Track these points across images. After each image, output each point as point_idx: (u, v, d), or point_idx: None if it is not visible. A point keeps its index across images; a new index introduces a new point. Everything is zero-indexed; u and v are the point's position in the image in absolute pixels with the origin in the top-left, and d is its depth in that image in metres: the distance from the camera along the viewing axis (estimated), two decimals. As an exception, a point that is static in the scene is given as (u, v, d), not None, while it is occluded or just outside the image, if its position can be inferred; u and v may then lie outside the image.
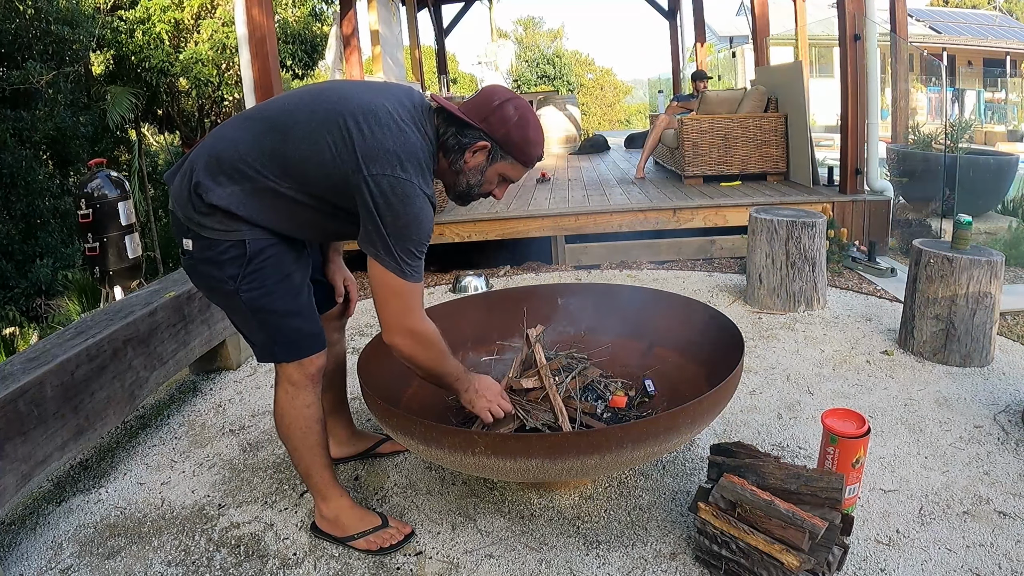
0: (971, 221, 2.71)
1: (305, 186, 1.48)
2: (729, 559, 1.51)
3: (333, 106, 1.46)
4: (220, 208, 1.47)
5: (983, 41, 19.88)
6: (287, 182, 1.48)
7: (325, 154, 1.43)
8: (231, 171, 1.47)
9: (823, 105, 12.57)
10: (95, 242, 4.11)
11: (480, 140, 1.50)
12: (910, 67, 7.10)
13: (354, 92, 1.51)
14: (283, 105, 1.53)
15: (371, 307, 3.92)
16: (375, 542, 1.72)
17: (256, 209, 1.49)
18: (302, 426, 1.67)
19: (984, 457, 2.02)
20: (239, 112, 1.90)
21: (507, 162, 1.54)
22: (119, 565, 1.76)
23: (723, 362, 1.89)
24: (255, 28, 4.13)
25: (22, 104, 7.80)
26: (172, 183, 1.55)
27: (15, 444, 1.69)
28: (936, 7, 25.20)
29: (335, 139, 1.42)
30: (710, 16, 11.37)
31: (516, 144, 1.51)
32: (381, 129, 1.42)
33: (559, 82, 26.27)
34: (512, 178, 1.59)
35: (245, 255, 1.50)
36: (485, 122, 1.49)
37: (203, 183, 1.47)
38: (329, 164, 1.43)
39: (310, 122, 1.45)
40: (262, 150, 1.47)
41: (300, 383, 1.64)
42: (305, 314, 1.62)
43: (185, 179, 1.51)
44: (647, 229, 4.60)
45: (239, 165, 1.47)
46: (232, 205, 1.47)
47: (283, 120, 1.48)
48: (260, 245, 1.51)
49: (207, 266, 1.53)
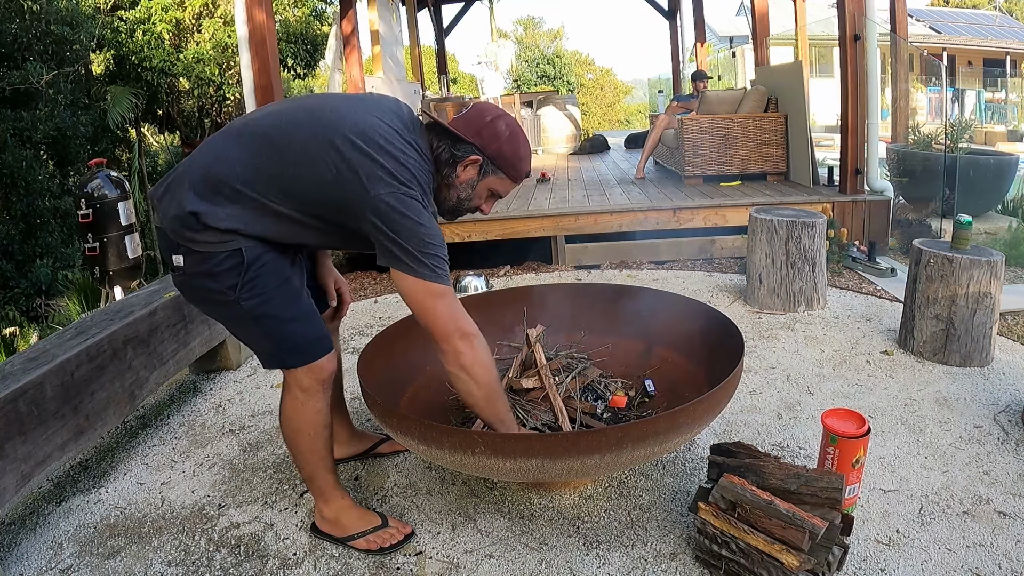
0: (971, 221, 2.71)
1: (308, 207, 1.47)
2: (729, 559, 1.51)
3: (329, 125, 1.45)
4: (221, 229, 1.45)
5: (983, 41, 19.88)
6: (290, 204, 1.47)
7: (326, 176, 1.42)
8: (229, 192, 1.46)
9: (823, 105, 12.56)
10: (95, 242, 4.10)
11: (473, 154, 1.53)
12: (910, 67, 7.10)
13: (348, 110, 1.49)
14: (275, 121, 1.50)
15: (370, 307, 3.94)
16: (375, 542, 1.72)
17: (259, 227, 1.48)
18: (310, 432, 1.65)
19: (984, 457, 2.02)
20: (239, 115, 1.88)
21: (497, 177, 1.57)
22: (119, 565, 1.76)
23: (723, 362, 1.89)
24: (256, 28, 4.13)
25: (22, 104, 7.81)
26: (160, 200, 1.51)
27: (15, 444, 1.69)
28: (936, 7, 25.20)
29: (334, 160, 1.42)
30: (710, 16, 11.36)
31: (507, 159, 1.55)
32: (381, 149, 1.43)
33: (559, 82, 26.27)
34: (500, 193, 1.62)
35: (243, 263, 1.48)
36: (478, 136, 1.52)
37: (200, 209, 1.44)
38: (331, 186, 1.43)
39: (307, 144, 1.44)
40: (259, 172, 1.45)
41: (311, 389, 1.62)
42: (309, 317, 1.61)
43: (175, 200, 1.47)
44: (647, 229, 4.60)
45: (237, 186, 1.45)
46: (235, 224, 1.46)
47: (278, 140, 1.46)
48: (256, 252, 1.50)
49: (202, 280, 1.51)
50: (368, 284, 4.46)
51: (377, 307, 3.87)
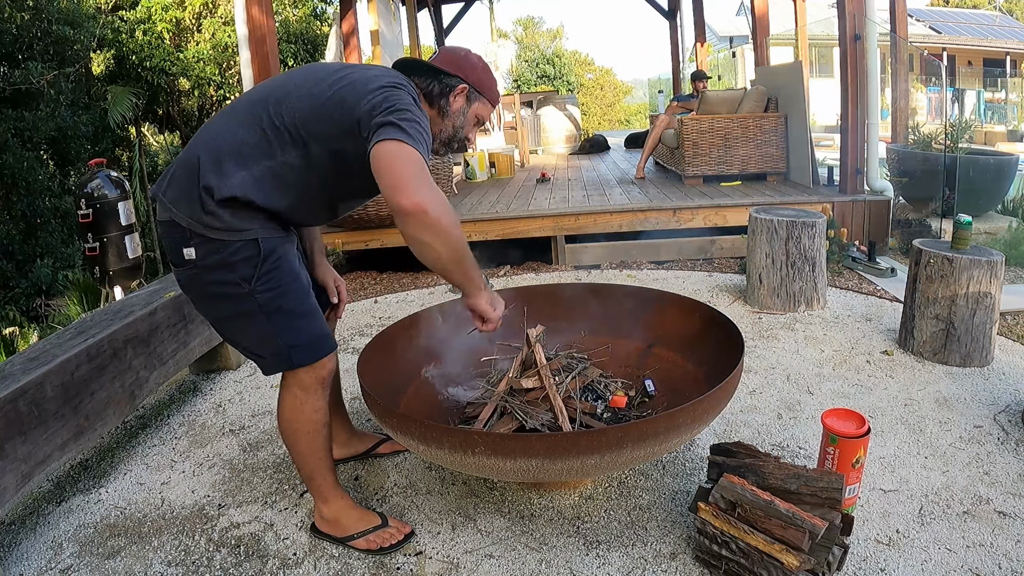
0: (971, 221, 2.71)
1: (312, 144, 1.49)
2: (729, 559, 1.51)
3: (324, 69, 1.57)
4: (235, 199, 1.45)
5: (983, 41, 19.88)
6: (294, 151, 1.49)
7: (323, 96, 1.48)
8: (236, 157, 1.47)
9: (823, 105, 12.57)
10: (95, 242, 4.10)
11: (460, 84, 1.65)
12: (910, 67, 7.09)
13: (340, 66, 1.61)
14: (271, 84, 1.58)
15: (370, 307, 3.94)
16: (375, 541, 1.72)
17: (269, 191, 1.49)
18: (309, 431, 1.66)
19: (984, 457, 2.02)
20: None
21: (481, 102, 1.71)
22: (119, 565, 1.76)
23: (723, 362, 1.89)
24: (255, 28, 4.14)
25: (23, 104, 7.81)
26: (166, 193, 1.50)
27: (15, 444, 1.69)
28: (936, 7, 25.20)
29: (332, 84, 1.50)
30: (710, 16, 11.36)
31: (487, 84, 1.70)
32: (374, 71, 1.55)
33: (559, 82, 26.25)
34: (483, 118, 1.74)
35: (259, 254, 1.49)
36: (460, 69, 1.66)
37: (212, 183, 1.45)
38: (329, 106, 1.47)
39: (303, 86, 1.52)
40: (262, 130, 1.48)
41: (311, 387, 1.63)
42: (316, 314, 1.63)
43: (183, 181, 1.48)
44: (647, 229, 4.60)
45: (242, 149, 1.47)
46: (247, 191, 1.46)
47: (276, 94, 1.52)
48: (272, 244, 1.52)
49: (215, 272, 1.49)
50: (368, 284, 4.46)
51: (377, 307, 3.87)
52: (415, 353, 2.14)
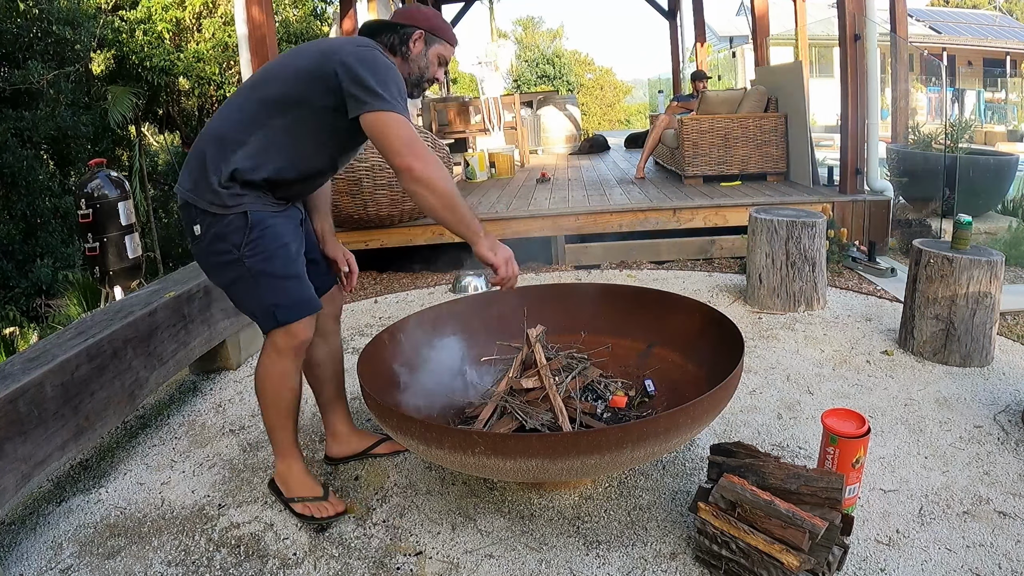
0: (971, 221, 2.71)
1: (298, 105, 1.67)
2: (729, 559, 1.51)
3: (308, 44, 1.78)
4: (236, 172, 1.65)
5: (983, 41, 19.89)
6: (287, 114, 1.68)
7: (301, 69, 1.68)
8: (237, 136, 1.68)
9: (823, 105, 12.57)
10: (95, 242, 4.10)
11: (415, 31, 1.81)
12: (910, 67, 7.10)
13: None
14: (262, 68, 1.81)
15: (370, 307, 3.94)
16: (310, 509, 1.84)
17: (272, 156, 1.68)
18: (274, 388, 1.82)
19: (984, 457, 2.02)
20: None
21: (440, 44, 1.86)
22: (119, 565, 1.76)
23: (723, 362, 1.89)
24: (255, 27, 4.14)
25: (23, 104, 7.81)
26: (183, 181, 1.74)
27: (15, 444, 1.69)
28: (936, 7, 25.20)
29: (307, 56, 1.71)
30: (710, 16, 11.37)
31: (440, 27, 1.85)
32: (345, 38, 1.79)
33: (559, 82, 26.26)
34: (446, 58, 1.88)
35: (247, 225, 1.69)
36: (412, 19, 1.83)
37: (217, 164, 1.66)
38: (305, 72, 1.67)
39: (287, 58, 1.75)
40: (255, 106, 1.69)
41: (284, 351, 1.77)
42: (301, 279, 1.78)
43: (196, 168, 1.70)
44: (647, 229, 4.59)
45: (239, 127, 1.68)
46: (244, 163, 1.66)
47: (265, 76, 1.75)
48: (260, 216, 1.71)
49: (215, 242, 1.70)
50: (368, 284, 4.46)
51: (377, 307, 3.87)
52: (415, 353, 2.14)
